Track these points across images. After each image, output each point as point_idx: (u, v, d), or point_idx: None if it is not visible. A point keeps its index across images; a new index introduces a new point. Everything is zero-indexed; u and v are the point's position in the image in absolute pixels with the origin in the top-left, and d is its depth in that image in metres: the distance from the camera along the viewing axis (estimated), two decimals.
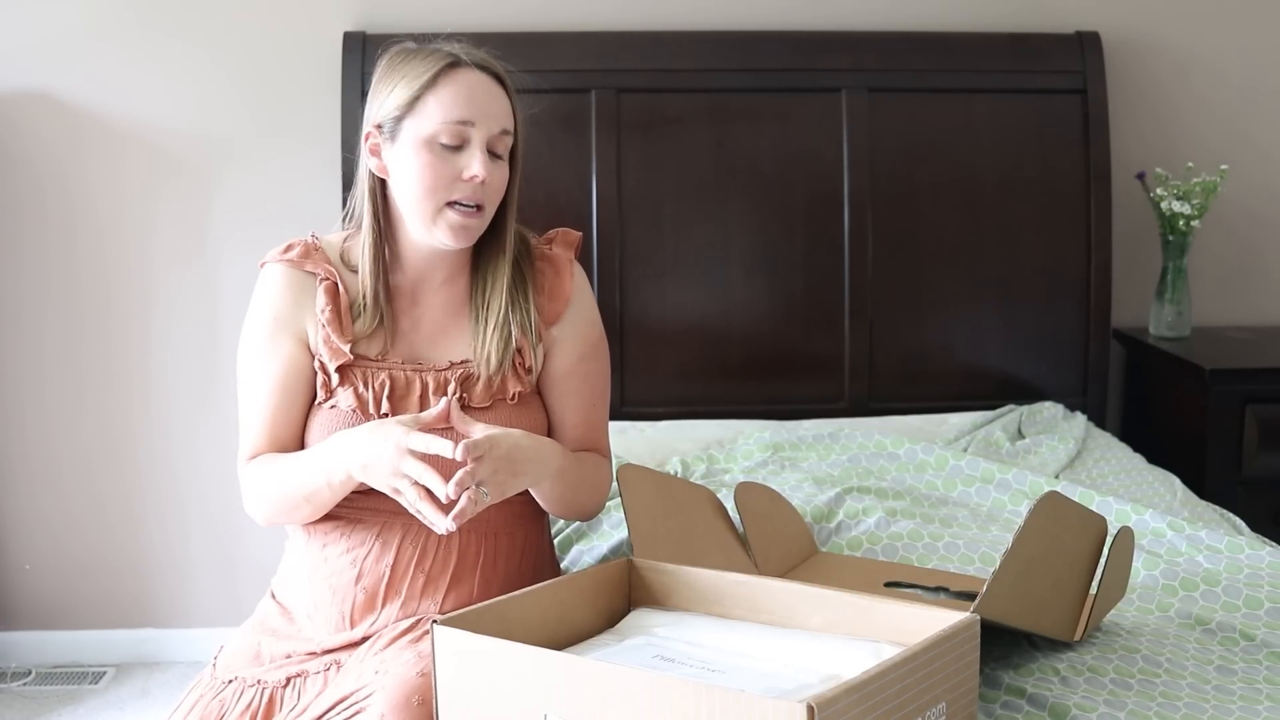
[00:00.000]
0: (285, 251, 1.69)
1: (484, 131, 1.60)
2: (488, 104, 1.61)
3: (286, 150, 2.93)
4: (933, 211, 2.90)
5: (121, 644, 3.05)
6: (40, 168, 2.91)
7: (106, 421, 2.99)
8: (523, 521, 1.70)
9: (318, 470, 1.56)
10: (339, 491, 1.57)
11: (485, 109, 1.61)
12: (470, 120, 1.60)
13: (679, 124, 2.86)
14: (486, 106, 1.61)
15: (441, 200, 1.60)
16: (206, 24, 2.89)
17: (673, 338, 2.84)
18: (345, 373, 1.64)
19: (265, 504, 1.64)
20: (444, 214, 1.61)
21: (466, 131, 1.60)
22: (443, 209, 1.61)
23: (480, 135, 1.60)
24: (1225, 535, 2.04)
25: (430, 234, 1.63)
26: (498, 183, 1.63)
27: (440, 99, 1.60)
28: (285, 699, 1.59)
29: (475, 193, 1.61)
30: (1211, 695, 1.52)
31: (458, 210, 1.61)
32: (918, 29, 2.95)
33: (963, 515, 2.21)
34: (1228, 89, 3.03)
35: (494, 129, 1.61)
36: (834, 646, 1.37)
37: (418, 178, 1.60)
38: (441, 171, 1.60)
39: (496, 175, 1.63)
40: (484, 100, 1.61)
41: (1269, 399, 2.68)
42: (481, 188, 1.61)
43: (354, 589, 1.61)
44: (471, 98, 1.60)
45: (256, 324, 1.68)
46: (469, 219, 1.61)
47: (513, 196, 1.69)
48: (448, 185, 1.60)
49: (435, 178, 1.60)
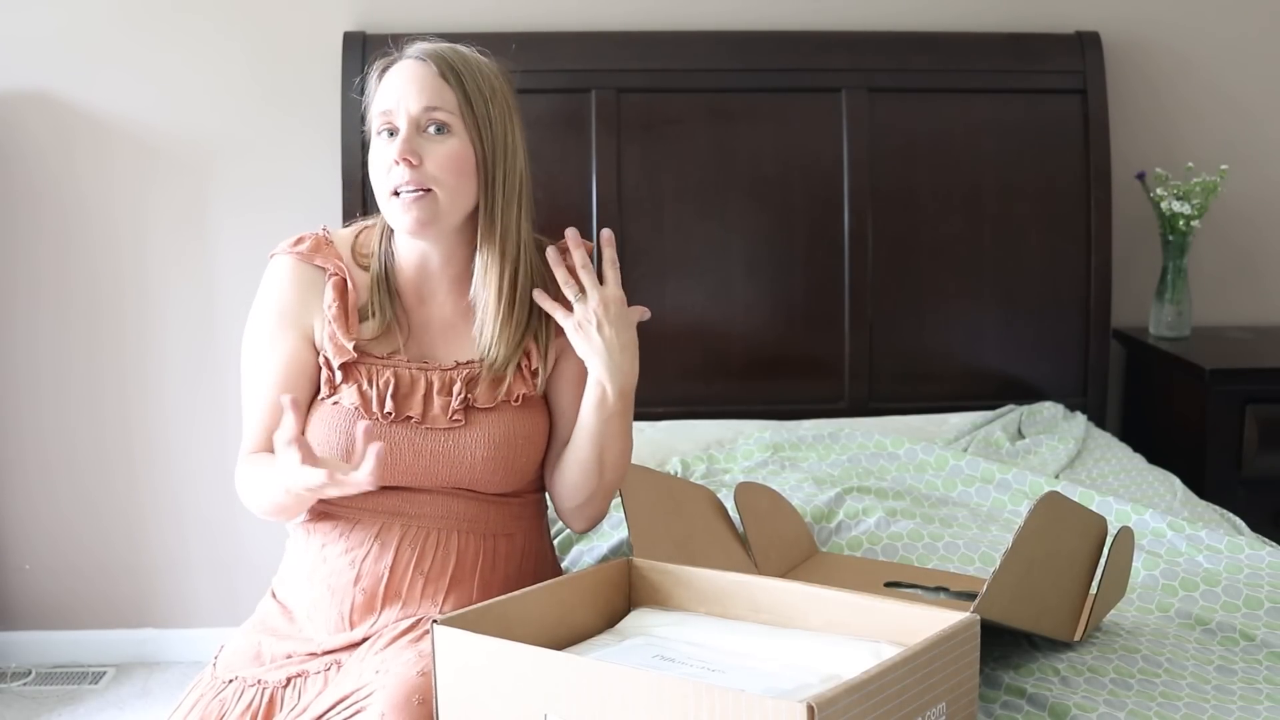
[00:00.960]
0: (296, 244, 1.69)
1: (403, 114, 1.60)
2: (405, 87, 1.61)
3: (286, 150, 2.93)
4: (933, 211, 2.90)
5: (121, 644, 3.05)
6: (37, 168, 2.91)
7: (106, 421, 2.99)
8: (522, 524, 1.69)
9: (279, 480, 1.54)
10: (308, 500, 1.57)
11: (403, 93, 1.60)
12: (389, 108, 1.61)
13: (679, 124, 2.86)
14: (404, 90, 1.61)
15: (385, 189, 1.61)
16: (206, 24, 2.89)
17: (673, 338, 2.84)
18: (350, 370, 1.64)
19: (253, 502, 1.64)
20: (390, 204, 1.61)
21: (391, 120, 1.61)
22: (390, 198, 1.61)
23: (402, 119, 1.60)
24: (1225, 535, 2.05)
25: (395, 226, 1.64)
26: (439, 160, 1.59)
27: (378, 95, 1.63)
28: (286, 699, 1.59)
29: (406, 176, 1.58)
30: (1211, 695, 1.52)
31: (399, 197, 1.60)
32: (918, 29, 2.95)
33: (963, 515, 2.21)
34: (1228, 89, 3.03)
35: (414, 108, 1.60)
36: (834, 646, 1.37)
37: (371, 173, 1.63)
38: (379, 162, 1.61)
39: (434, 152, 1.59)
40: (402, 86, 1.61)
41: (1269, 399, 2.68)
42: (414, 170, 1.58)
43: (352, 590, 1.61)
44: (391, 86, 1.62)
45: (261, 316, 1.68)
46: (410, 204, 1.59)
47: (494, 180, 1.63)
48: (385, 173, 1.60)
49: (376, 169, 1.62)
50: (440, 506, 1.63)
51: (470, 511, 1.64)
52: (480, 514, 1.65)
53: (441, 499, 1.63)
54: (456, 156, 1.61)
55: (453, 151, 1.60)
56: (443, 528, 1.63)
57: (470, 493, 1.64)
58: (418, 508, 1.63)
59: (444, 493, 1.63)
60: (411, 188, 1.59)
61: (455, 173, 1.61)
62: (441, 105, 1.60)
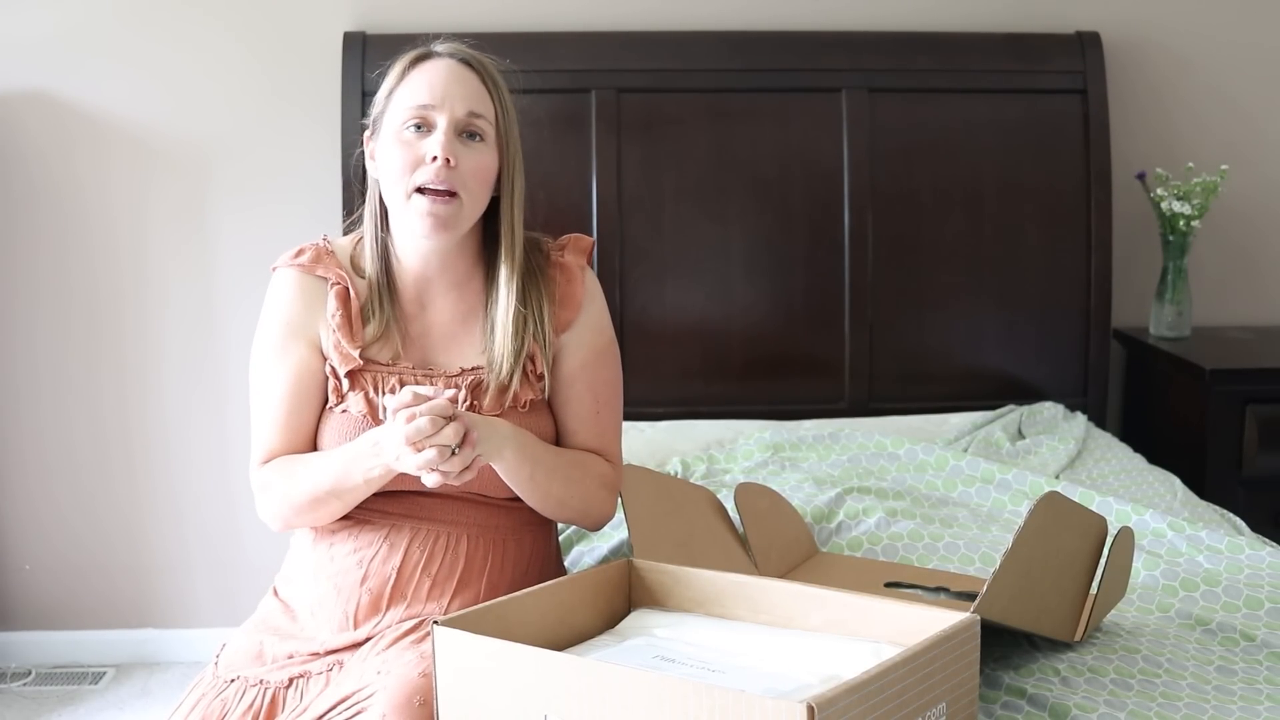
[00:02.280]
0: (296, 256, 1.69)
1: (448, 113, 1.59)
2: (451, 86, 1.60)
3: (286, 150, 2.92)
4: (933, 211, 2.90)
5: (121, 644, 3.05)
6: (37, 168, 2.91)
7: (106, 421, 2.98)
8: (530, 528, 1.70)
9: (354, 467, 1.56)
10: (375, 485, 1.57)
11: (448, 91, 1.60)
12: (431, 104, 1.59)
13: (679, 124, 2.86)
14: (449, 89, 1.60)
15: (410, 185, 1.59)
16: (206, 24, 2.89)
17: (673, 338, 2.84)
18: (356, 378, 1.64)
19: (285, 505, 1.63)
20: (413, 201, 1.59)
21: (429, 115, 1.59)
22: (412, 195, 1.59)
23: (444, 117, 1.59)
24: (1225, 535, 2.05)
25: (409, 226, 1.61)
26: (473, 167, 1.60)
27: (408, 88, 1.61)
28: (288, 699, 1.59)
29: (441, 175, 1.58)
30: (1212, 695, 1.52)
31: (426, 195, 1.59)
32: (918, 29, 2.95)
33: (963, 515, 2.21)
34: (1228, 89, 3.03)
35: (459, 111, 1.60)
36: (834, 647, 1.37)
37: (388, 166, 1.60)
38: (407, 156, 1.59)
39: (470, 159, 1.60)
40: (447, 83, 1.60)
41: (1269, 399, 2.68)
42: (449, 171, 1.58)
43: (359, 590, 1.61)
44: (433, 82, 1.60)
45: (268, 330, 1.68)
46: (437, 204, 1.58)
47: (512, 194, 1.66)
48: (413, 168, 1.58)
49: (402, 162, 1.59)
50: (450, 511, 1.64)
51: (480, 516, 1.65)
52: (490, 518, 1.65)
53: (451, 503, 1.64)
54: (487, 167, 1.62)
55: (485, 161, 1.62)
56: (452, 531, 1.63)
57: (480, 497, 1.65)
58: (427, 511, 1.63)
59: (454, 497, 1.63)
60: (443, 188, 1.58)
61: (482, 182, 1.62)
62: (484, 114, 1.62)
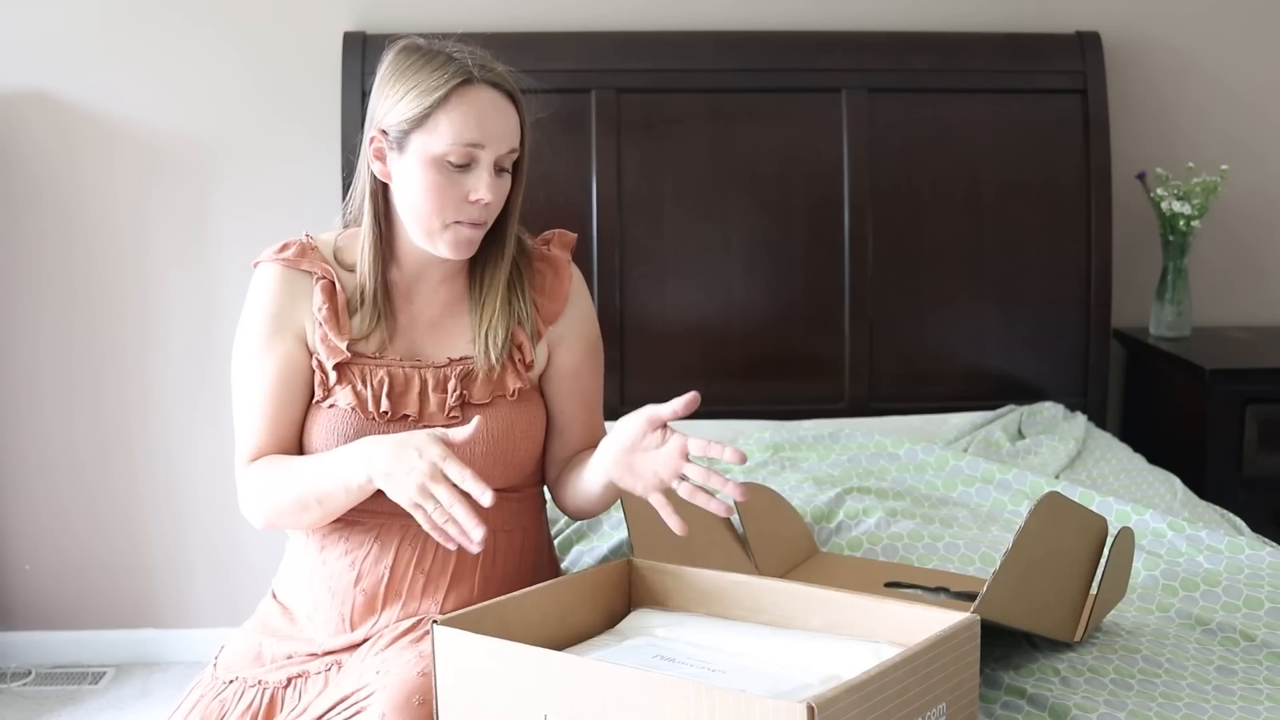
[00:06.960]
0: (280, 251, 1.69)
1: (493, 153, 1.60)
2: (498, 125, 1.60)
3: (286, 150, 2.93)
4: (933, 211, 2.90)
5: (121, 644, 3.05)
6: (37, 168, 2.91)
7: (106, 422, 2.98)
8: (522, 520, 1.70)
9: (336, 472, 1.55)
10: (355, 496, 1.56)
11: (495, 130, 1.59)
12: (480, 143, 1.58)
13: (679, 124, 2.86)
14: (496, 128, 1.60)
15: (448, 219, 1.60)
16: (206, 24, 2.89)
17: (673, 338, 2.84)
18: (343, 371, 1.64)
19: (269, 506, 1.62)
20: (451, 230, 1.61)
21: (476, 153, 1.59)
22: (451, 225, 1.61)
23: (489, 156, 1.59)
24: (1225, 535, 2.04)
25: (431, 245, 1.63)
26: (500, 197, 1.63)
27: (452, 118, 1.58)
28: (286, 699, 1.59)
29: (483, 216, 1.61)
30: (1212, 695, 1.52)
31: (463, 226, 1.61)
32: (918, 29, 2.95)
33: (963, 515, 2.21)
34: (1228, 89, 3.03)
35: (502, 149, 1.61)
36: (834, 647, 1.37)
37: (424, 196, 1.59)
38: (449, 193, 1.59)
39: (500, 190, 1.63)
40: (494, 121, 1.60)
41: (1269, 399, 2.68)
42: (486, 208, 1.61)
43: (353, 591, 1.61)
44: (482, 119, 1.59)
45: (253, 324, 1.67)
46: (473, 233, 1.62)
47: (515, 202, 1.68)
48: (455, 206, 1.59)
49: (443, 199, 1.59)
50: None
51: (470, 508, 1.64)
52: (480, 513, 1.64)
53: None
54: (508, 191, 1.65)
55: (508, 189, 1.65)
56: None
57: None
58: None
59: None
60: (481, 223, 1.62)
61: (501, 205, 1.65)
62: (517, 149, 1.64)
